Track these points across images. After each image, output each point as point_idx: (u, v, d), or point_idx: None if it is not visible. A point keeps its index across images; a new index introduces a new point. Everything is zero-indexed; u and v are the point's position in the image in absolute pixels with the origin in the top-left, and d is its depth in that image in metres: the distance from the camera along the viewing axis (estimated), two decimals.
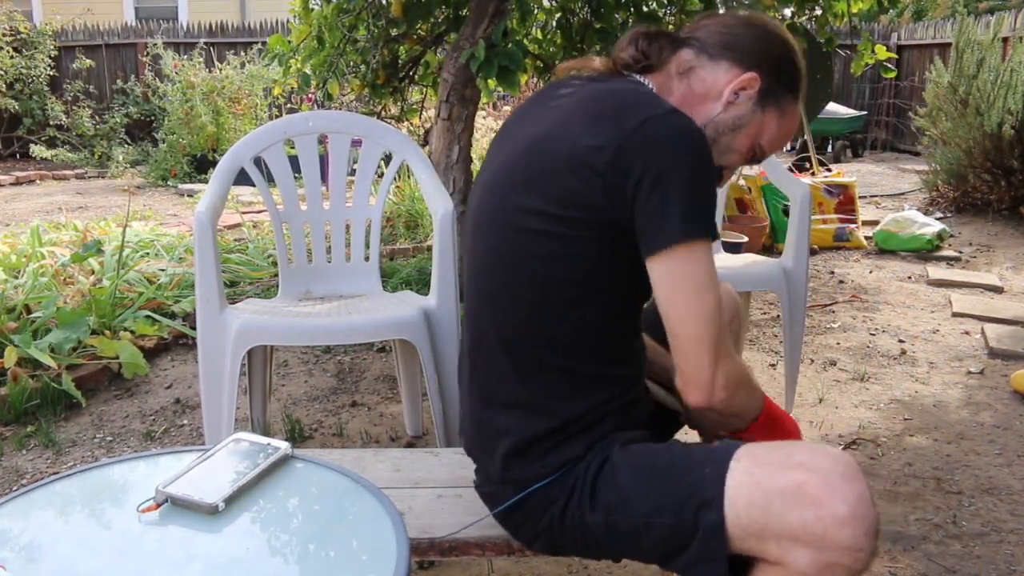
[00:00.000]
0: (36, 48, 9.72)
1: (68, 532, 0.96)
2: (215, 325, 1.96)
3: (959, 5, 13.32)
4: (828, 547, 0.99)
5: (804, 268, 2.51)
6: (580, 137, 1.10)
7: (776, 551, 1.03)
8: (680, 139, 1.07)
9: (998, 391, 2.84)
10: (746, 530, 1.04)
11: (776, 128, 1.24)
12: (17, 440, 2.46)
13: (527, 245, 1.15)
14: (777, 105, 1.23)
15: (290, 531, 0.96)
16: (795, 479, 1.02)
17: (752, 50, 1.21)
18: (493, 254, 1.20)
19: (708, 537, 1.06)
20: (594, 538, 1.18)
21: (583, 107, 1.15)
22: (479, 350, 1.25)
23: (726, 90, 1.20)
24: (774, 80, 1.21)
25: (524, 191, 1.15)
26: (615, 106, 1.12)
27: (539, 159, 1.14)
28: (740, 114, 1.21)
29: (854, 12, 3.70)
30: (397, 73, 4.02)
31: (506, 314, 1.19)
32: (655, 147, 1.07)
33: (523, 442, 1.20)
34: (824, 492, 0.99)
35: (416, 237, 4.99)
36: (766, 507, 1.02)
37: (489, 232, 1.21)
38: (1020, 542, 1.94)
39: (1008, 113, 5.36)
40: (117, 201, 7.21)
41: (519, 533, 1.26)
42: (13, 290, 3.33)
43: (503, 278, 1.19)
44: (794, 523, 1.00)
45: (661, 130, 1.07)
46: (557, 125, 1.15)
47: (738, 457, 1.08)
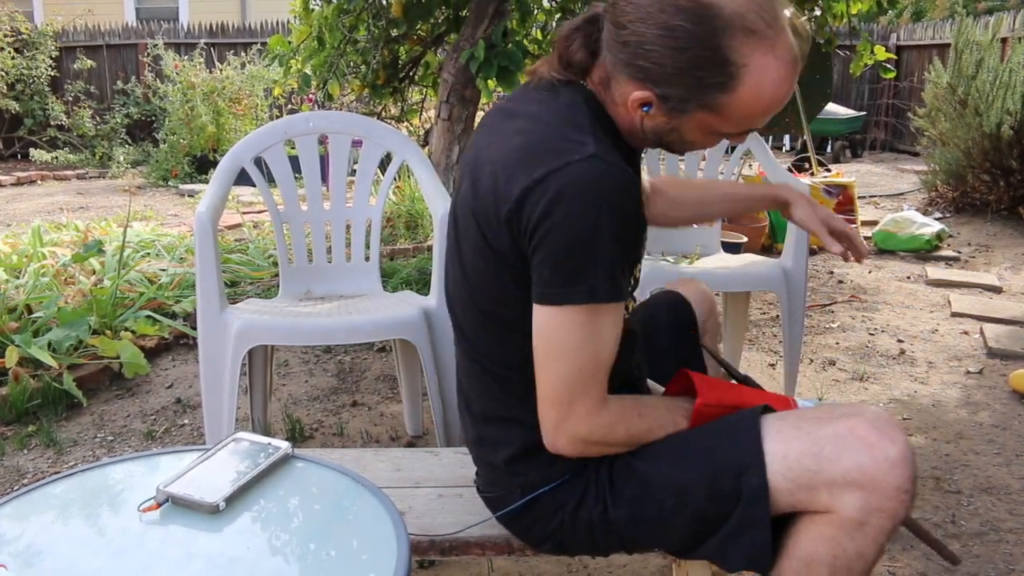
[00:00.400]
0: (37, 49, 9.73)
1: (69, 532, 0.96)
2: (216, 325, 1.96)
3: (958, 6, 13.32)
4: (879, 488, 1.02)
5: (803, 268, 2.52)
6: (499, 184, 1.09)
7: (827, 499, 1.05)
8: (575, 196, 1.02)
9: (997, 391, 2.85)
10: (797, 482, 1.06)
11: (723, 120, 1.07)
12: (18, 440, 2.47)
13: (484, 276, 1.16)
14: (702, 107, 1.06)
15: (291, 530, 0.96)
16: (846, 425, 1.06)
17: (640, 65, 1.05)
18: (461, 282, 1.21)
19: (752, 501, 1.08)
20: (617, 534, 1.18)
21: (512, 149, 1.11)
22: (468, 371, 1.27)
23: (630, 106, 1.09)
24: (679, 90, 1.04)
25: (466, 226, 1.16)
26: (530, 153, 1.07)
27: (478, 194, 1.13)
28: (658, 124, 1.10)
29: (853, 13, 3.71)
30: (397, 73, 4.02)
31: (478, 342, 1.21)
32: (551, 203, 1.02)
33: (524, 451, 1.21)
34: (875, 435, 1.04)
35: (416, 237, 4.99)
36: (818, 453, 1.05)
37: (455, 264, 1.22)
38: (1019, 541, 1.94)
39: (1007, 113, 5.36)
40: (118, 201, 7.21)
41: (528, 535, 1.26)
42: (14, 290, 3.34)
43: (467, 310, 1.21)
44: (848, 466, 1.03)
45: (558, 186, 1.02)
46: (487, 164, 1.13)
47: (782, 416, 1.11)
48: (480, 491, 1.33)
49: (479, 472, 1.33)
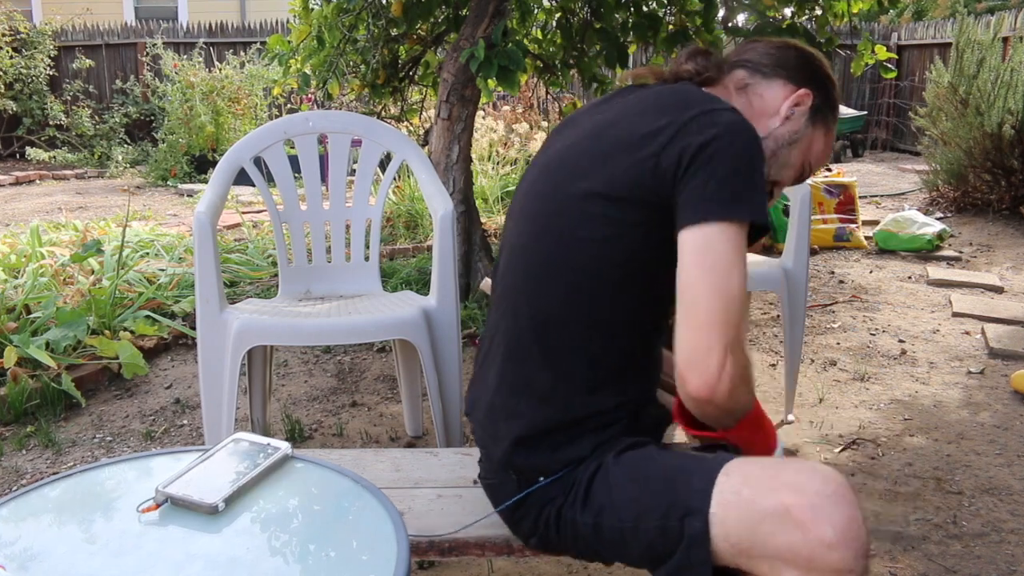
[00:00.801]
0: (36, 48, 9.73)
1: (68, 532, 0.95)
2: (215, 325, 1.96)
3: (959, 5, 13.33)
4: (817, 569, 0.98)
5: (804, 268, 2.51)
6: (640, 125, 1.15)
7: (766, 570, 1.03)
8: (737, 130, 1.11)
9: (998, 391, 2.84)
10: (736, 547, 1.04)
11: (823, 144, 1.30)
12: (17, 440, 2.46)
13: (579, 224, 1.16)
14: (824, 122, 1.29)
15: (290, 531, 0.96)
16: (783, 501, 1.00)
17: (801, 68, 1.29)
18: (542, 232, 1.21)
19: (692, 544, 1.05)
20: (584, 539, 1.18)
21: (647, 101, 1.20)
22: (508, 331, 1.24)
23: (783, 105, 1.27)
24: (822, 97, 1.28)
25: (580, 173, 1.18)
26: (677, 100, 1.17)
27: (599, 144, 1.18)
28: (796, 129, 1.27)
29: (854, 12, 3.70)
30: (397, 73, 4.02)
31: (547, 294, 1.19)
32: (712, 131, 1.09)
33: (534, 430, 1.19)
34: (810, 515, 0.98)
35: (416, 237, 4.99)
36: (754, 528, 1.02)
37: (540, 211, 1.22)
38: (1020, 542, 1.94)
39: (1008, 113, 5.36)
40: (117, 201, 7.21)
41: (519, 528, 1.26)
42: (13, 290, 3.33)
43: (550, 256, 1.19)
44: (781, 546, 1.00)
45: (718, 120, 1.11)
46: (620, 115, 1.20)
47: (727, 472, 1.06)
48: (481, 478, 1.32)
49: (482, 458, 1.32)
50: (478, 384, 1.32)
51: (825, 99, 1.29)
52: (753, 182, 1.10)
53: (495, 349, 1.27)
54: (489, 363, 1.29)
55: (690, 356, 1.06)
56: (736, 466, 1.07)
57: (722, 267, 1.06)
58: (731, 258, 1.06)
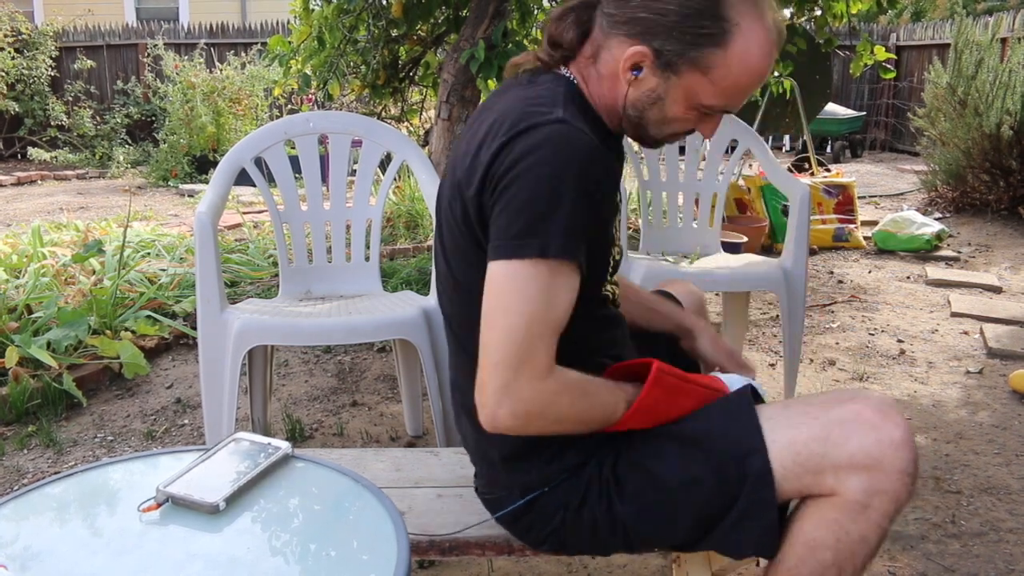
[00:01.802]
0: (37, 49, 9.73)
1: (69, 532, 0.96)
2: (216, 325, 1.96)
3: (958, 6, 13.32)
4: (884, 470, 1.04)
5: (803, 268, 2.52)
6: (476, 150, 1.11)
7: (832, 482, 1.07)
8: (542, 153, 1.03)
9: (997, 391, 2.85)
10: (805, 466, 1.07)
11: (709, 84, 1.08)
12: (18, 440, 2.47)
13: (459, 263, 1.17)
14: (692, 64, 1.07)
15: (291, 531, 0.96)
16: (852, 408, 1.08)
17: (637, 19, 1.08)
18: (443, 277, 1.23)
19: (758, 485, 1.08)
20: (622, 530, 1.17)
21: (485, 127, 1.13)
22: (456, 366, 1.27)
23: (622, 69, 1.11)
24: (670, 44, 1.07)
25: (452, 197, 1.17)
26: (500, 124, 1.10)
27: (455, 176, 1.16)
28: (651, 87, 1.11)
29: (853, 13, 3.71)
30: (397, 73, 4.02)
31: (465, 331, 1.20)
32: (517, 155, 1.04)
33: (520, 449, 1.20)
34: (880, 418, 1.06)
35: (416, 237, 4.99)
36: (826, 437, 1.07)
37: (441, 240, 1.23)
38: (1019, 541, 1.94)
39: (1007, 113, 5.36)
40: (118, 201, 7.21)
41: (528, 536, 1.26)
42: (14, 290, 3.34)
43: (453, 298, 1.22)
44: (854, 448, 1.05)
45: (523, 145, 1.04)
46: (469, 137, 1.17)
47: (788, 404, 1.13)
48: (479, 493, 1.33)
49: (478, 473, 1.33)
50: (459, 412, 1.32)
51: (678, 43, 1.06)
52: (547, 215, 1.02)
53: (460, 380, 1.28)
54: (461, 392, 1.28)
55: (478, 387, 1.07)
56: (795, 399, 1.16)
57: (507, 307, 1.03)
58: (517, 298, 1.02)
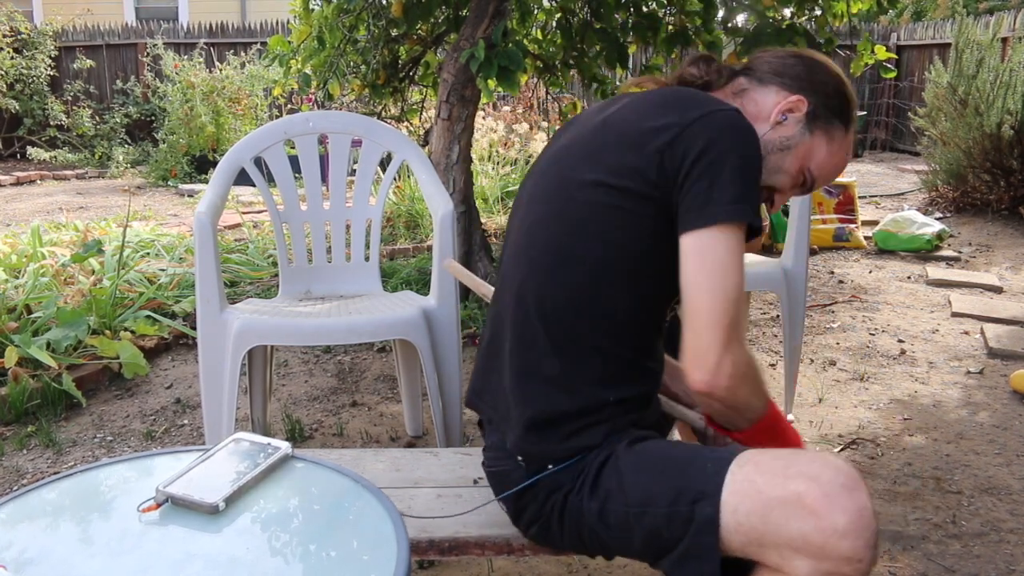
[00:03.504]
0: (36, 48, 9.72)
1: (68, 532, 0.96)
2: (215, 325, 1.96)
3: (958, 5, 13.32)
4: (828, 557, 0.99)
5: (804, 268, 2.51)
6: (645, 120, 1.18)
7: (776, 559, 1.04)
8: (738, 132, 1.15)
9: (997, 391, 2.84)
10: (747, 536, 1.05)
11: (825, 153, 1.28)
12: (18, 440, 2.47)
13: (586, 214, 1.19)
14: (825, 130, 1.28)
15: (290, 531, 0.96)
16: (795, 489, 1.02)
17: (800, 76, 1.29)
18: (550, 222, 1.23)
19: (701, 530, 1.06)
20: (588, 527, 1.18)
21: (650, 98, 1.23)
22: (516, 319, 1.24)
23: (774, 111, 1.28)
24: (821, 104, 1.27)
25: (588, 164, 1.21)
26: (681, 99, 1.20)
27: (604, 137, 1.22)
28: (788, 135, 1.27)
29: (854, 12, 3.70)
30: (397, 73, 4.02)
31: (556, 285, 1.20)
32: (714, 134, 1.13)
33: (546, 416, 1.20)
34: (823, 503, 1.00)
35: (416, 237, 4.99)
36: (766, 515, 1.03)
37: (550, 202, 1.24)
38: (1019, 542, 1.94)
39: (1007, 113, 5.36)
40: (117, 201, 7.21)
41: (522, 516, 1.26)
42: (14, 290, 3.34)
43: (558, 246, 1.21)
44: (793, 534, 1.01)
45: (721, 122, 1.15)
46: (626, 111, 1.23)
47: (741, 462, 1.08)
48: (486, 468, 1.32)
49: (489, 446, 1.31)
50: (484, 373, 1.32)
51: (824, 106, 1.28)
52: (751, 184, 1.14)
53: (501, 337, 1.28)
54: (494, 351, 1.29)
55: (692, 354, 1.13)
56: (749, 456, 1.09)
57: (720, 269, 1.11)
58: (729, 260, 1.11)
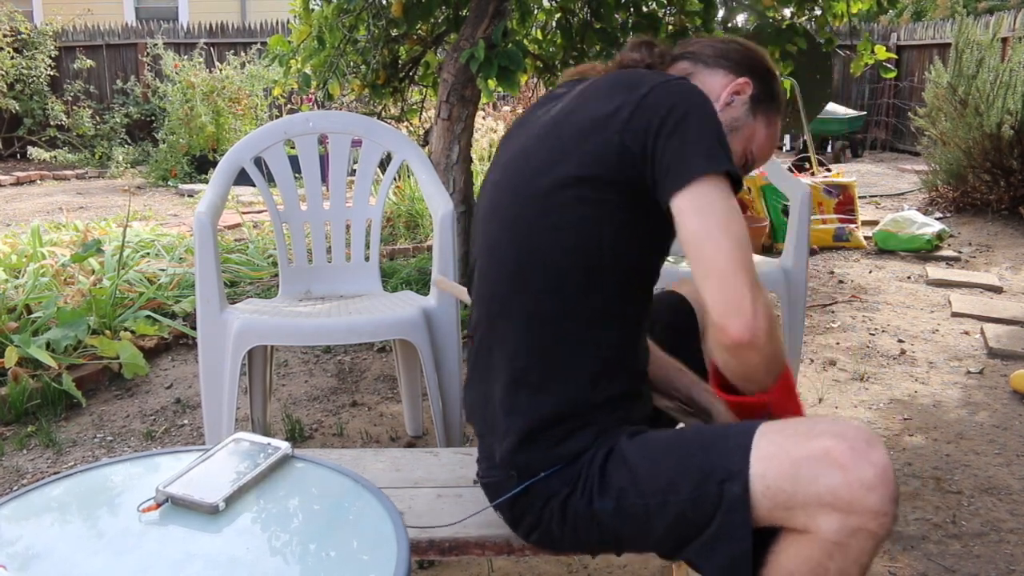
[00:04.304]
0: (36, 48, 9.72)
1: (68, 532, 0.96)
2: (215, 325, 1.96)
3: (958, 5, 13.32)
4: (855, 511, 1.01)
5: (804, 268, 2.51)
6: (597, 108, 1.17)
7: (803, 519, 1.05)
8: (696, 94, 1.15)
9: (997, 391, 2.84)
10: (774, 500, 1.05)
11: (764, 136, 1.31)
12: (18, 440, 2.47)
13: (550, 215, 1.18)
14: (765, 114, 1.31)
15: (290, 531, 0.96)
16: (822, 445, 1.04)
17: (742, 61, 1.31)
18: (514, 230, 1.21)
19: (732, 508, 1.07)
20: (599, 527, 1.17)
21: (598, 85, 1.21)
22: (495, 329, 1.25)
23: (723, 93, 1.28)
24: (762, 88, 1.30)
25: (543, 166, 1.19)
26: (627, 80, 1.19)
27: (557, 133, 1.20)
28: (736, 116, 1.28)
29: (854, 12, 3.70)
30: (397, 73, 4.02)
31: (529, 288, 1.20)
32: (670, 100, 1.13)
33: (535, 424, 1.19)
34: (851, 457, 1.02)
35: (416, 237, 4.99)
36: (794, 475, 1.04)
37: (510, 207, 1.23)
38: (1020, 542, 1.94)
39: (1007, 113, 5.36)
40: (117, 201, 7.21)
41: (519, 525, 1.26)
42: (14, 290, 3.33)
43: (526, 253, 1.20)
44: (822, 489, 1.03)
45: (676, 87, 1.15)
46: (574, 104, 1.22)
47: (764, 431, 1.09)
48: (479, 477, 1.32)
49: (482, 457, 1.32)
50: (474, 385, 1.32)
51: (765, 91, 1.31)
52: (721, 137, 1.13)
53: (485, 348, 1.28)
54: (481, 363, 1.29)
55: (725, 306, 1.08)
56: (770, 426, 1.10)
57: (724, 216, 1.10)
58: (728, 207, 1.10)
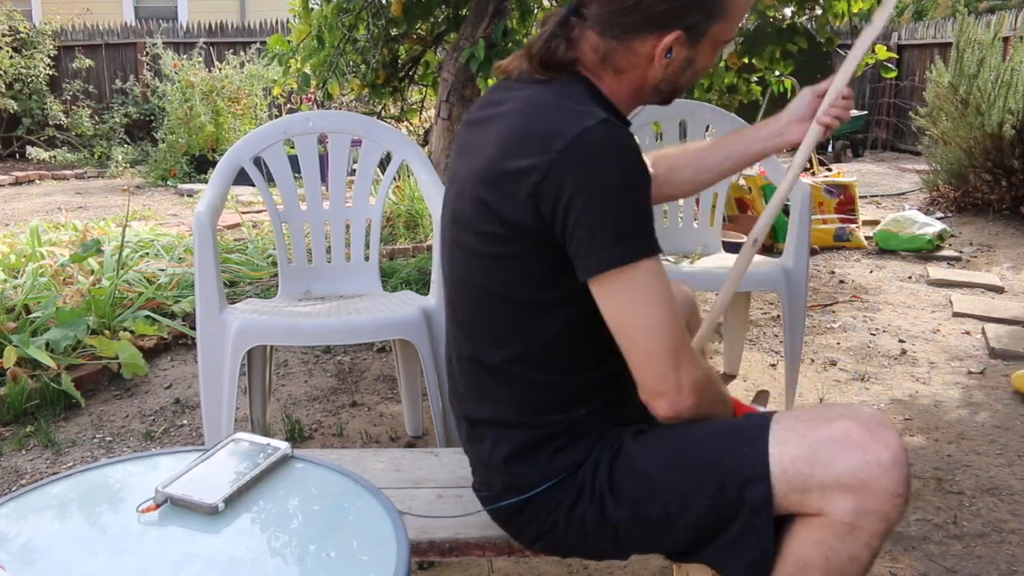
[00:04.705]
0: (35, 48, 9.72)
1: (68, 532, 0.95)
2: (215, 325, 1.96)
3: (959, 5, 13.32)
4: (871, 491, 1.03)
5: (804, 268, 2.51)
6: (509, 158, 1.11)
7: (818, 502, 1.05)
8: (606, 158, 1.06)
9: (999, 391, 2.84)
10: (791, 484, 1.06)
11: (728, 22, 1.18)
12: (16, 440, 2.46)
13: (481, 270, 1.17)
14: (717, 19, 1.16)
15: (290, 531, 0.96)
16: (840, 427, 1.06)
17: (661, 11, 1.13)
18: (457, 281, 1.23)
19: (755, 510, 1.08)
20: (613, 533, 1.17)
21: (511, 129, 1.14)
22: (461, 371, 1.27)
23: (656, 55, 1.15)
24: (699, 14, 1.14)
25: (469, 221, 1.17)
26: (540, 127, 1.11)
27: (478, 183, 1.15)
28: (682, 59, 1.17)
29: (854, 12, 3.70)
30: (397, 73, 4.02)
31: (477, 337, 1.21)
32: (581, 172, 1.06)
33: (521, 450, 1.20)
34: (868, 438, 1.04)
35: (416, 237, 4.98)
36: (812, 457, 1.05)
37: (450, 261, 1.24)
38: (1021, 542, 1.93)
39: (1008, 113, 5.36)
40: (116, 201, 7.21)
41: (521, 535, 1.26)
42: (12, 290, 3.33)
43: (468, 303, 1.22)
44: (841, 469, 1.04)
45: (586, 152, 1.06)
46: (490, 145, 1.16)
47: (777, 420, 1.11)
48: (476, 490, 1.33)
49: (475, 471, 1.33)
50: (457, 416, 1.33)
51: (701, 12, 1.14)
52: (637, 209, 1.08)
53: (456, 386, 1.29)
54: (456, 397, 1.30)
55: (650, 388, 1.11)
56: (784, 414, 1.12)
57: (638, 306, 1.08)
58: (643, 295, 1.08)
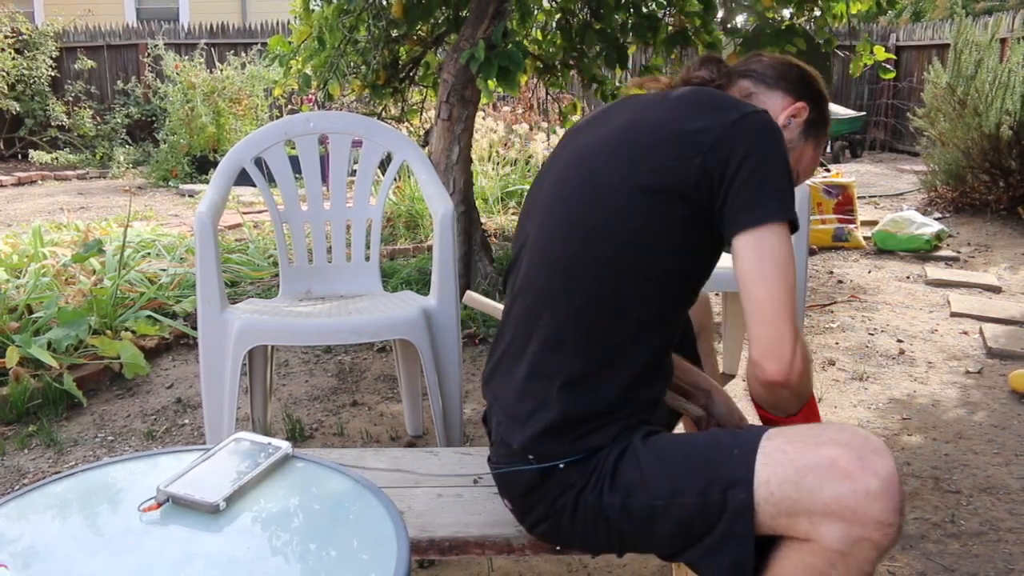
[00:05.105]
0: (38, 49, 9.73)
1: (69, 531, 0.96)
2: (216, 325, 1.97)
3: (957, 6, 13.32)
4: (860, 521, 1.01)
5: (803, 269, 2.52)
6: (682, 121, 1.19)
7: (807, 527, 1.05)
8: (776, 134, 1.18)
9: (996, 391, 2.85)
10: (778, 507, 1.06)
11: (811, 157, 1.37)
12: (19, 440, 2.47)
13: (621, 218, 1.18)
14: (816, 136, 1.37)
15: (291, 530, 0.96)
16: (828, 454, 1.05)
17: (800, 84, 1.36)
18: (579, 225, 1.22)
19: (736, 516, 1.08)
20: (606, 523, 1.17)
21: (681, 99, 1.24)
22: (537, 321, 1.24)
23: (782, 115, 1.33)
24: (816, 112, 1.35)
25: (622, 165, 1.20)
26: (713, 101, 1.22)
27: (638, 137, 1.21)
28: (791, 138, 1.33)
29: (853, 13, 3.71)
30: (397, 74, 4.02)
31: (586, 284, 1.20)
32: (755, 137, 1.16)
33: (564, 418, 1.19)
34: (857, 466, 1.03)
35: (416, 237, 4.99)
36: (799, 482, 1.05)
37: (576, 202, 1.23)
38: (1018, 541, 1.94)
39: (1006, 114, 5.36)
40: (118, 201, 7.22)
41: (528, 515, 1.25)
42: (15, 290, 3.34)
43: (587, 247, 1.20)
44: (827, 497, 1.03)
45: (759, 125, 1.17)
46: (659, 110, 1.24)
47: (770, 436, 1.11)
48: (492, 464, 1.31)
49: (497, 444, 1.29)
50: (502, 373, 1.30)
51: (819, 115, 1.36)
52: (791, 183, 1.18)
53: (521, 339, 1.26)
54: (514, 353, 1.27)
55: (767, 346, 1.14)
56: (778, 431, 1.12)
57: (782, 264, 1.13)
58: (787, 255, 1.15)
